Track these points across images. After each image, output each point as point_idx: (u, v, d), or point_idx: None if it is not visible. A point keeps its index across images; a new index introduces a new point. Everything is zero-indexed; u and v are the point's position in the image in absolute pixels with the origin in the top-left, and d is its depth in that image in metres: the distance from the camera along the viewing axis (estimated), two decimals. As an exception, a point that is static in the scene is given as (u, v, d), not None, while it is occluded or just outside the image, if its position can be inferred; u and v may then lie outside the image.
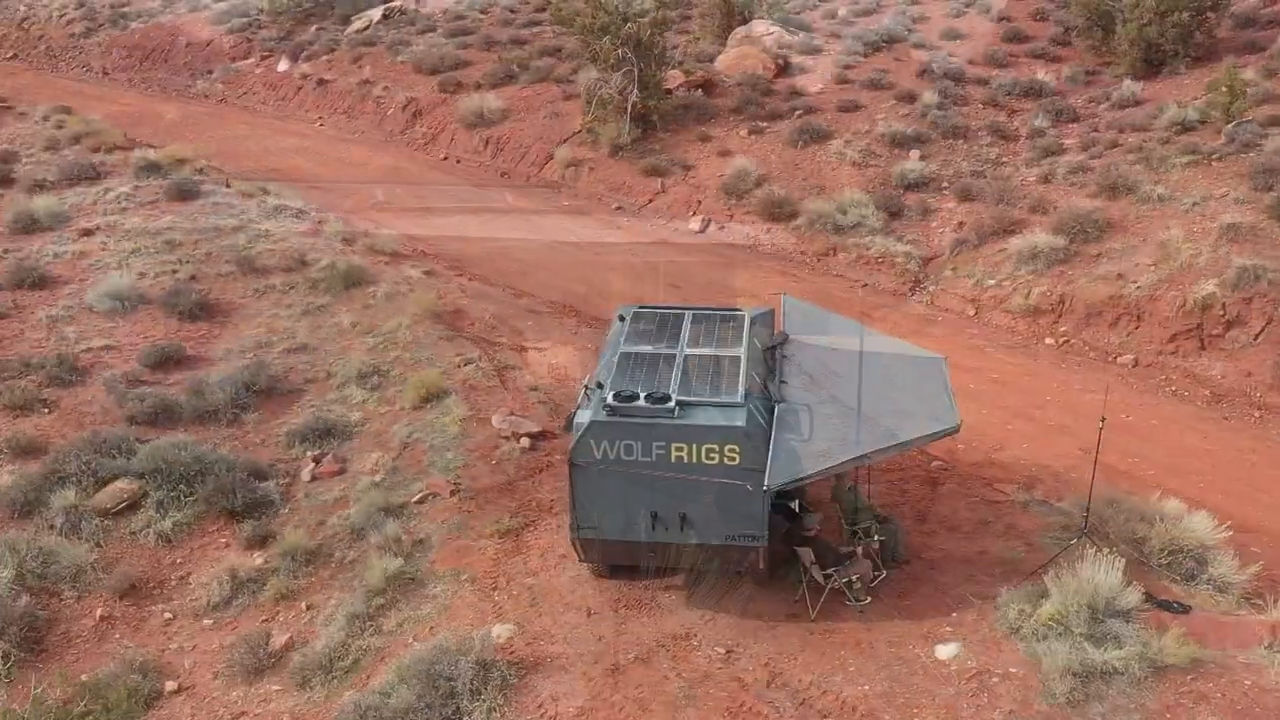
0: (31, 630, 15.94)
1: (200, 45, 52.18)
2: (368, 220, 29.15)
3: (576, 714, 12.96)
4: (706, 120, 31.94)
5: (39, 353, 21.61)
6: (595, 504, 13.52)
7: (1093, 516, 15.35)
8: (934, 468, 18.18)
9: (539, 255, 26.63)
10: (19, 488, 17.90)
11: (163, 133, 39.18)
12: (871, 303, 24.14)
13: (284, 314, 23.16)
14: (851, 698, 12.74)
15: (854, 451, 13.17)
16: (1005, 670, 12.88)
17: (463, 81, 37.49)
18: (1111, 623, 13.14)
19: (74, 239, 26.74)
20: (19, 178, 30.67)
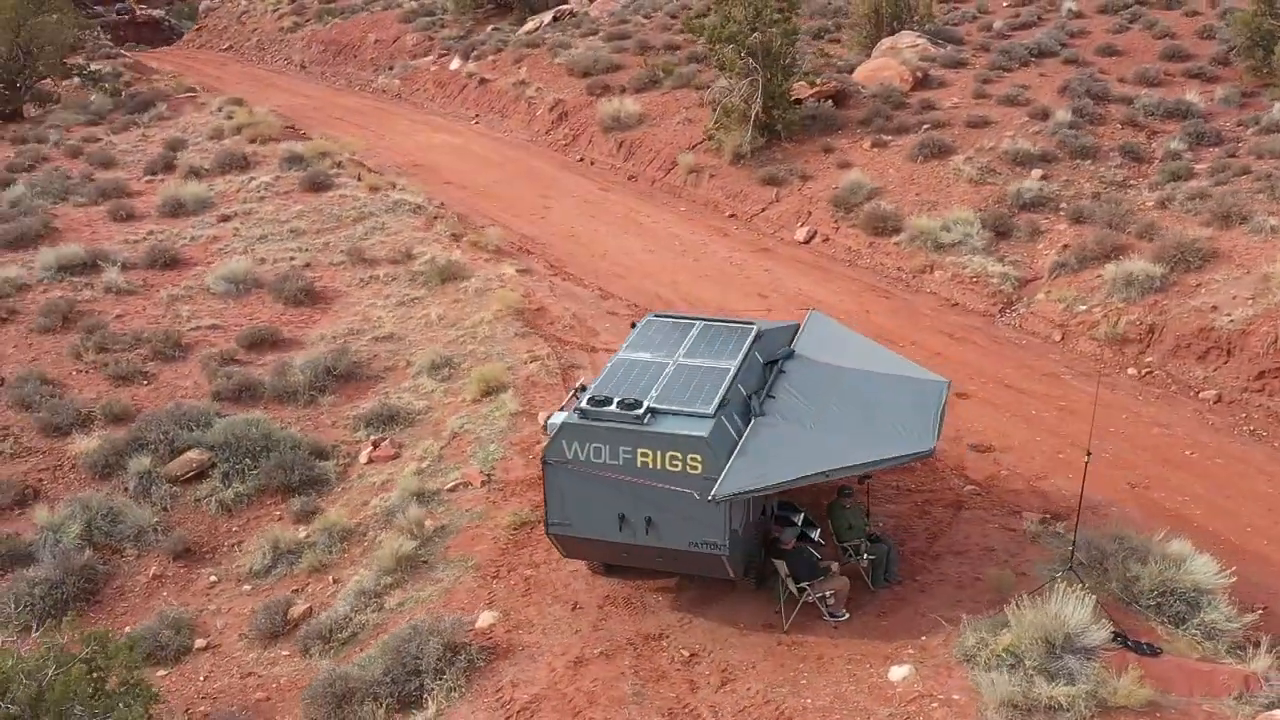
0: (89, 582, 17.40)
1: (387, 42, 54.59)
2: (485, 217, 30.29)
3: (529, 700, 13.54)
4: (833, 131, 31.97)
5: (152, 328, 23.32)
6: (567, 502, 14.07)
7: (1094, 552, 15.11)
8: (966, 492, 18.07)
9: (638, 258, 27.25)
10: (102, 451, 19.46)
11: (329, 125, 41.31)
12: (955, 322, 23.93)
13: (380, 304, 24.38)
14: (790, 709, 12.96)
15: (811, 468, 13.37)
16: (948, 696, 12.89)
17: (610, 85, 38.35)
18: (1068, 659, 12.96)
19: (212, 224, 28.65)
20: (180, 164, 32.89)
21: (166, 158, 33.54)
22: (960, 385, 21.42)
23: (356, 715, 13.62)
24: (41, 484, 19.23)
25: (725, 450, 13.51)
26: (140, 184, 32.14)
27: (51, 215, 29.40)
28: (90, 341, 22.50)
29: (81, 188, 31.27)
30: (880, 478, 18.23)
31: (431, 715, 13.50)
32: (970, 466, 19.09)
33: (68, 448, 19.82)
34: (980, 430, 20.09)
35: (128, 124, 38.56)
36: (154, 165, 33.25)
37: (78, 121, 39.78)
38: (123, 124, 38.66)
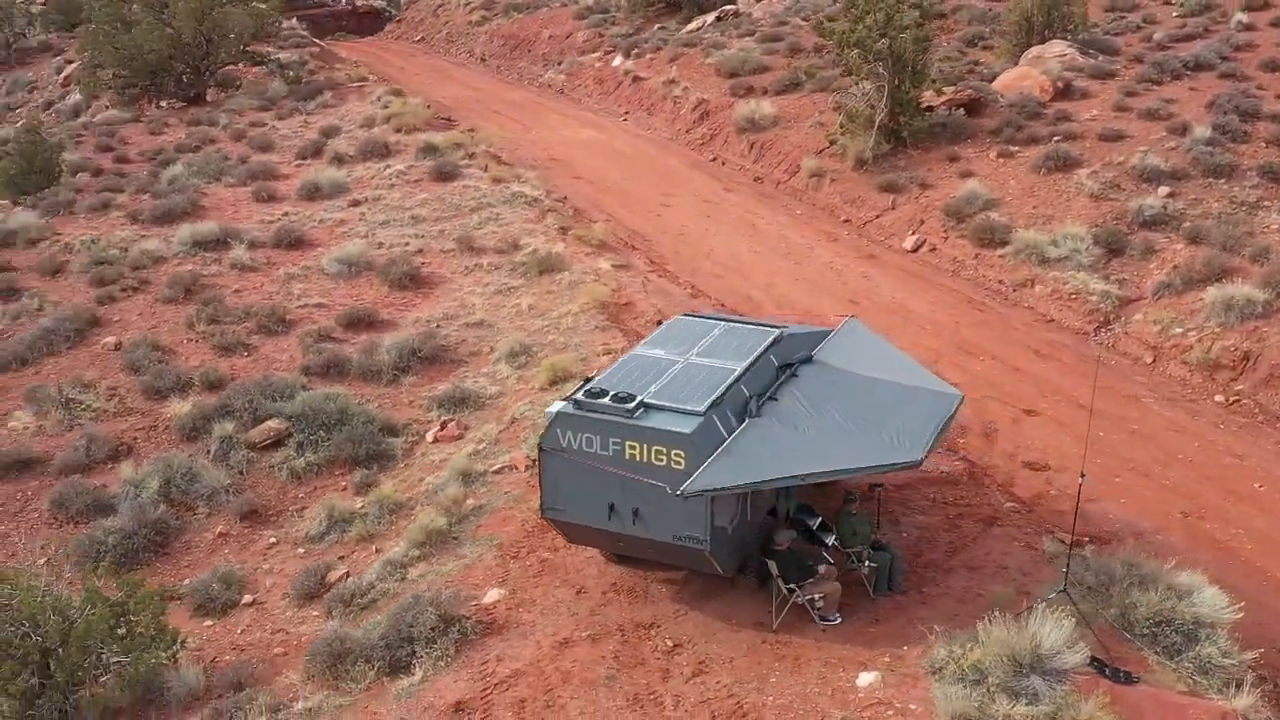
0: (160, 535, 18.78)
1: (560, 38, 55.97)
2: (602, 212, 31.03)
3: (509, 675, 14.15)
4: (961, 140, 31.60)
5: (264, 304, 24.79)
6: (561, 488, 14.58)
7: (1103, 576, 14.91)
8: (1005, 509, 17.89)
9: (741, 259, 27.55)
10: (192, 415, 20.90)
11: (486, 117, 42.79)
12: (1045, 339, 23.53)
13: (479, 291, 25.34)
14: (751, 705, 13.23)
15: (789, 471, 13.59)
16: (905, 705, 12.96)
17: (753, 86, 38.64)
18: (1034, 679, 12.89)
19: (342, 208, 30.16)
20: (327, 151, 34.62)
21: (318, 144, 35.33)
22: (1031, 402, 21.18)
23: (349, 674, 14.43)
24: (136, 442, 20.75)
25: (710, 448, 13.81)
26: (290, 168, 33.97)
27: (202, 194, 31.39)
28: (204, 313, 24.07)
29: (235, 169, 33.25)
30: (917, 488, 18.29)
31: (416, 681, 14.20)
32: (1019, 484, 18.87)
33: (164, 410, 21.30)
34: (1039, 448, 19.82)
35: (293, 110, 40.64)
36: (305, 150, 35.08)
37: (251, 106, 42.14)
38: (289, 110, 40.80)
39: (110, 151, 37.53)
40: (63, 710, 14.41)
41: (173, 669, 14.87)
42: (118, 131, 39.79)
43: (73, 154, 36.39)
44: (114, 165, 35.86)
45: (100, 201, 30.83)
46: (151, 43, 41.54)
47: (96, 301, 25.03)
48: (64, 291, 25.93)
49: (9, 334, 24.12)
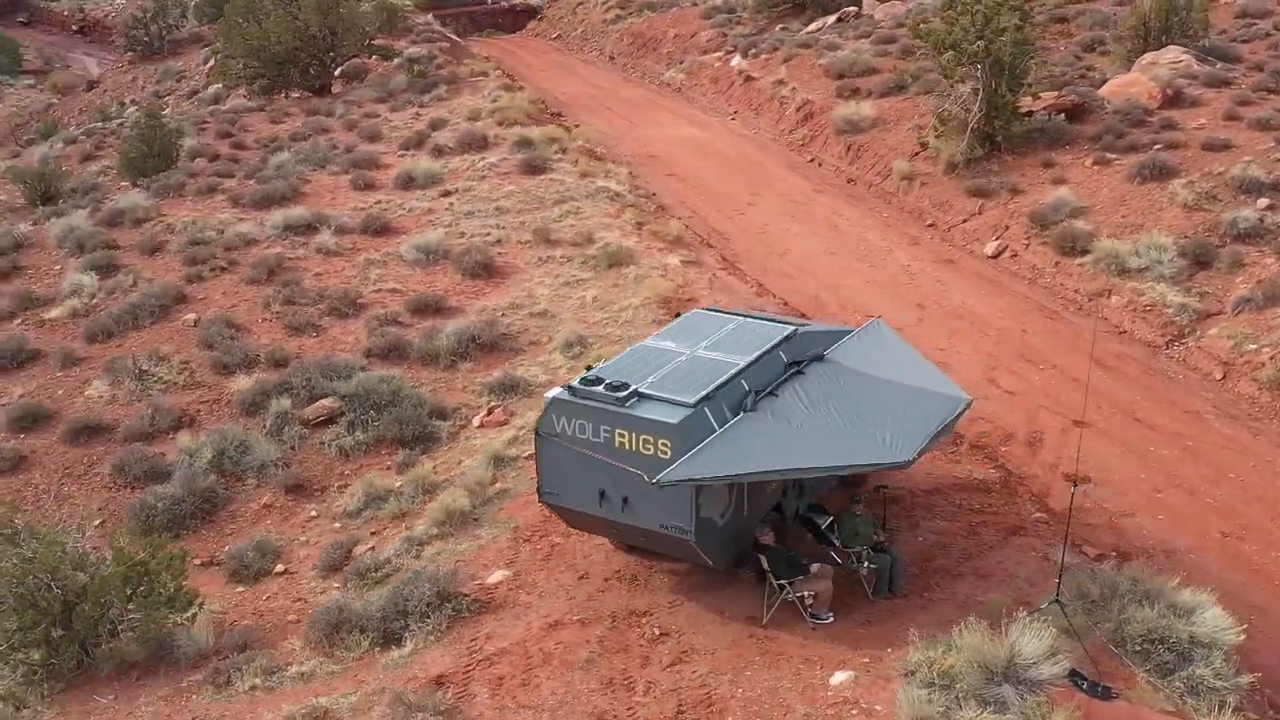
0: (208, 503, 19.61)
1: (685, 37, 56.21)
2: (686, 208, 31.20)
3: (494, 652, 14.47)
4: (1058, 146, 30.92)
5: (341, 287, 25.60)
6: (556, 473, 14.83)
7: (1106, 590, 14.59)
8: (1032, 519, 17.57)
9: (815, 260, 27.44)
10: (252, 391, 21.72)
11: (596, 113, 43.35)
12: (1113, 350, 22.95)
13: (547, 282, 25.76)
14: (720, 696, 13.31)
15: (771, 466, 13.61)
16: (870, 706, 12.89)
17: (859, 88, 38.34)
18: (1006, 688, 12.71)
19: (433, 198, 30.91)
20: (429, 142, 35.47)
21: (422, 135, 36.21)
22: (1088, 415, 20.68)
23: (344, 642, 14.91)
24: (199, 414, 21.66)
25: (697, 440, 13.91)
26: (392, 158, 34.89)
27: (304, 181, 32.47)
28: (281, 294, 24.95)
29: (339, 158, 34.28)
30: (945, 493, 18.08)
31: (406, 653, 14.62)
32: (1055, 495, 18.50)
33: (229, 385, 22.19)
34: (1084, 460, 19.29)
35: (408, 103, 41.67)
36: (409, 142, 35.99)
37: (369, 98, 43.36)
38: (404, 103, 41.82)
39: (229, 138, 39.05)
40: (80, 661, 15.18)
41: (184, 629, 15.48)
42: (240, 119, 41.34)
43: (193, 140, 37.90)
44: (230, 151, 37.29)
45: (208, 185, 32.11)
46: (279, 35, 43.03)
47: (185, 280, 26.11)
48: (158, 269, 27.11)
49: (102, 308, 25.32)
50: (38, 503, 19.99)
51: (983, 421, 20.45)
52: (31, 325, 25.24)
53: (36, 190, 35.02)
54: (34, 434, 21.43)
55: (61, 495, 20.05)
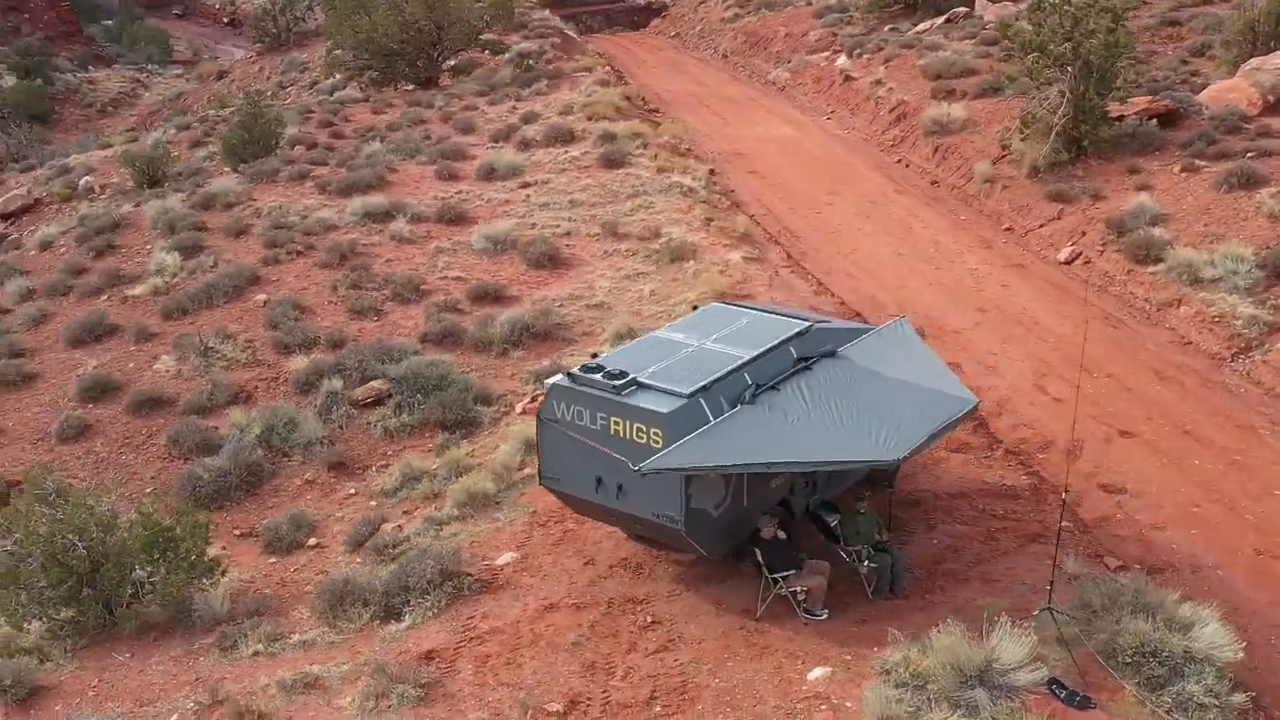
0: (253, 476, 20.30)
1: (796, 36, 56.05)
2: (761, 206, 31.19)
3: (487, 631, 14.77)
4: (1147, 152, 30.14)
5: (408, 274, 26.20)
6: (556, 459, 15.06)
7: (1106, 599, 14.34)
8: (1061, 527, 17.23)
9: (882, 260, 27.23)
10: (307, 371, 22.40)
11: (692, 110, 43.57)
12: (1174, 361, 22.35)
13: (609, 275, 26.02)
14: (695, 684, 13.40)
15: (755, 459, 13.64)
16: (840, 703, 12.87)
17: (954, 89, 37.83)
18: (978, 692, 12.61)
19: (511, 189, 31.41)
20: (518, 135, 36.02)
21: (513, 128, 36.76)
22: (1132, 424, 20.29)
23: (347, 614, 15.36)
24: (256, 391, 22.42)
25: (689, 430, 14.01)
26: (481, 149, 35.47)
27: (392, 170, 33.25)
28: (349, 278, 25.63)
29: (429, 148, 34.99)
30: (970, 498, 17.87)
31: (404, 627, 15.01)
32: (1086, 504, 18.17)
33: (287, 364, 22.89)
34: (1122, 471, 18.98)
35: (506, 97, 42.31)
36: (499, 134, 36.60)
37: (473, 91, 44.11)
38: (502, 96, 42.47)
39: (329, 127, 40.11)
40: (103, 620, 15.88)
41: (203, 594, 16.08)
42: (343, 110, 42.43)
43: (295, 128, 39.03)
44: (328, 140, 38.32)
45: (299, 172, 33.07)
46: (386, 28, 44.04)
47: (262, 262, 26.97)
48: (240, 251, 28.06)
49: (181, 287, 26.30)
50: (96, 469, 20.87)
51: (1024, 428, 20.15)
52: (115, 301, 26.35)
53: (144, 173, 36.44)
54: (101, 404, 22.39)
55: (119, 463, 20.90)
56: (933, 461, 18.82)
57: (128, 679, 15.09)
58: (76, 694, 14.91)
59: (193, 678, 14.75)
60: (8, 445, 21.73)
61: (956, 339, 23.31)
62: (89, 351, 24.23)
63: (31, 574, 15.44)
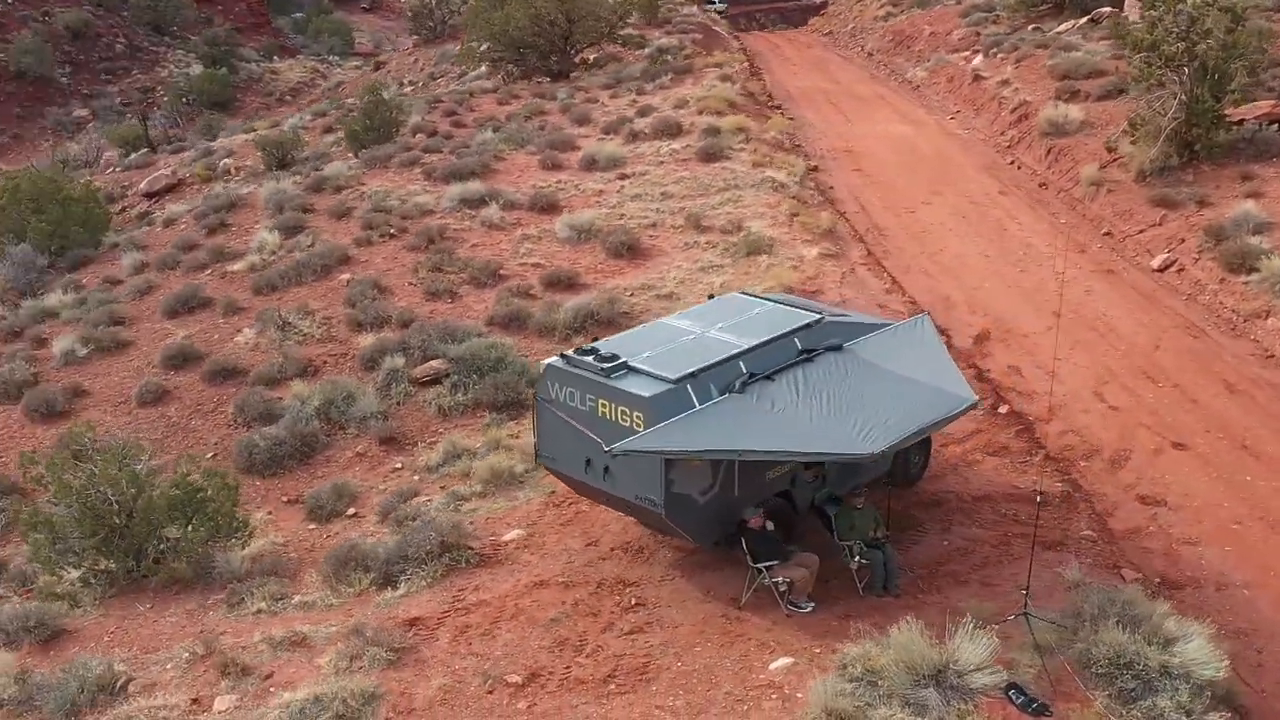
0: (307, 446, 21.07)
1: (940, 35, 55.21)
2: (855, 203, 30.93)
3: (474, 603, 15.14)
4: (1264, 158, 28.92)
5: (490, 259, 26.79)
6: (551, 438, 15.34)
7: (1092, 608, 13.99)
8: (1079, 537, 16.84)
9: (966, 261, 26.77)
10: (373, 348, 23.10)
11: (814, 107, 43.48)
12: (1250, 374, 21.40)
13: (684, 267, 26.16)
14: (658, 666, 13.50)
15: (727, 446, 13.67)
16: (792, 694, 12.84)
17: (1079, 90, 36.78)
18: (930, 691, 12.47)
19: (609, 180, 31.78)
20: (627, 128, 36.37)
21: (624, 121, 37.12)
22: (1187, 436, 19.63)
23: (348, 579, 15.91)
24: (324, 365, 23.25)
25: (671, 415, 14.14)
26: (590, 141, 35.92)
27: (498, 159, 33.97)
28: (431, 261, 26.33)
29: (538, 138, 35.60)
30: (995, 501, 17.54)
31: (398, 594, 15.50)
32: (1119, 515, 17.67)
33: (357, 341, 23.67)
34: (1165, 483, 18.38)
35: (628, 90, 42.69)
36: (611, 126, 36.99)
37: (599, 84, 44.65)
38: (625, 90, 42.86)
39: (453, 116, 41.11)
40: (131, 571, 16.78)
41: (223, 553, 16.84)
42: (469, 100, 43.42)
43: (418, 117, 40.13)
44: (449, 129, 39.30)
45: (410, 158, 34.05)
46: (518, 21, 44.89)
47: (355, 243, 27.87)
48: (338, 232, 29.06)
49: (275, 264, 27.38)
50: (166, 433, 21.95)
51: (1071, 435, 19.66)
52: (215, 276, 27.57)
53: (274, 157, 37.99)
54: (181, 372, 23.50)
55: (187, 428, 21.94)
56: (965, 463, 18.53)
57: (142, 628, 15.91)
58: (94, 639, 15.78)
59: (198, 630, 15.46)
60: (92, 407, 22.97)
61: (1023, 342, 22.80)
62: (181, 322, 25.42)
63: (66, 524, 16.37)
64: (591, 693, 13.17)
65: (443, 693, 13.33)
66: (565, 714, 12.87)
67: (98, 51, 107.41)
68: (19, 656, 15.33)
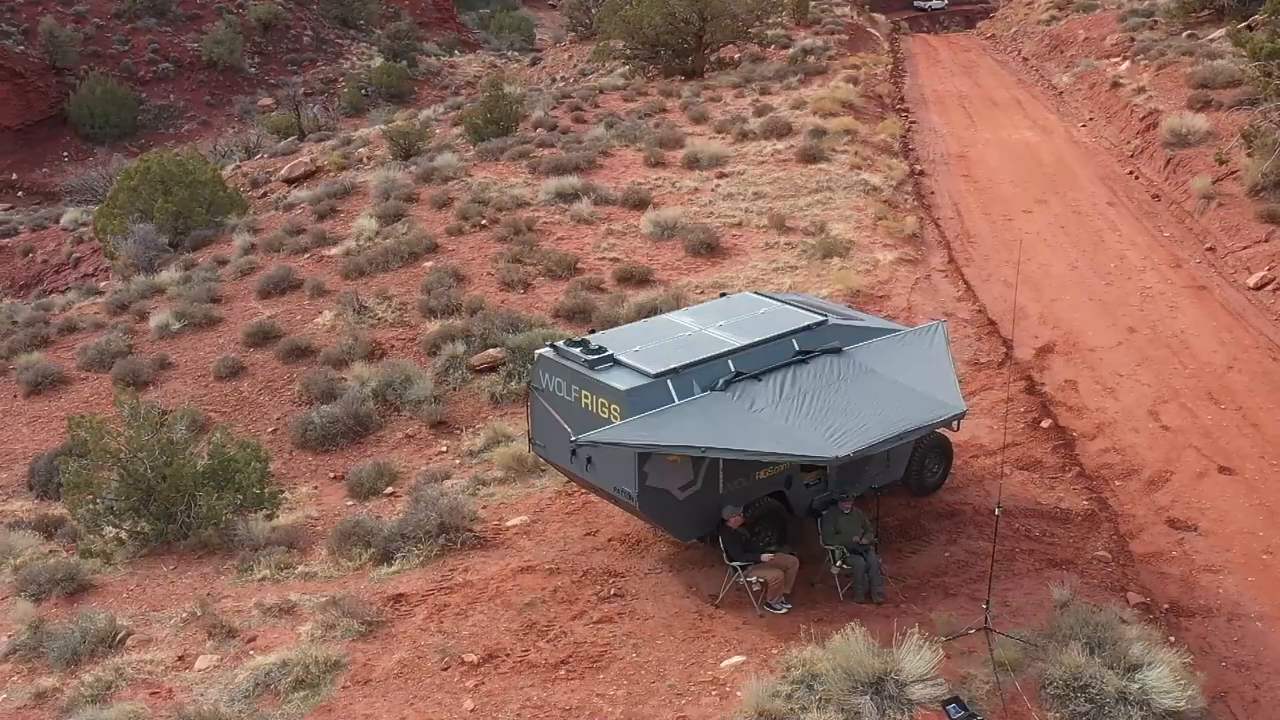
0: (360, 425, 21.82)
1: (1095, 40, 53.76)
2: (952, 210, 30.37)
3: (460, 583, 15.52)
4: (1392, 175, 27.49)
5: (571, 253, 27.23)
6: (543, 426, 15.63)
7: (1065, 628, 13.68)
8: (1092, 558, 16.39)
9: (1050, 272, 26.08)
10: (437, 335, 23.75)
11: (942, 110, 42.91)
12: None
13: (760, 266, 26.17)
14: (612, 656, 13.61)
15: (690, 441, 13.73)
16: (731, 691, 12.88)
17: (1212, 100, 35.41)
18: (865, 699, 12.38)
19: (707, 179, 31.93)
20: (738, 127, 36.42)
21: (739, 120, 37.16)
22: (1237, 461, 18.91)
23: (350, 553, 16.49)
24: (391, 348, 24.01)
25: (647, 408, 14.29)
26: (702, 140, 36.07)
27: (606, 155, 34.42)
28: (511, 253, 26.89)
29: (648, 135, 35.91)
30: (1014, 516, 17.14)
31: (392, 570, 16.00)
32: (1142, 538, 17.12)
33: (426, 327, 24.36)
34: (1202, 508, 17.71)
35: (753, 89, 42.68)
36: (724, 125, 37.06)
37: (728, 84, 44.74)
38: (752, 90, 42.83)
39: (577, 112, 41.71)
40: (162, 534, 17.68)
41: (249, 522, 17.61)
42: (596, 96, 43.96)
43: (541, 111, 40.86)
44: (569, 124, 39.92)
45: (520, 152, 34.76)
46: (650, 18, 45.28)
47: (446, 232, 28.63)
48: (435, 222, 29.88)
49: (368, 250, 28.31)
50: (237, 405, 22.98)
51: (1113, 453, 19.09)
52: (313, 260, 28.64)
53: (400, 146, 39.21)
54: (260, 349, 24.57)
55: (255, 403, 22.93)
56: (991, 476, 18.14)
57: (159, 588, 16.76)
58: (114, 595, 16.69)
59: (204, 592, 16.22)
60: (174, 379, 24.16)
61: (1088, 357, 22.16)
62: (271, 303, 26.51)
63: (103, 484, 17.35)
64: (540, 676, 13.41)
65: (400, 666, 13.74)
66: (509, 694, 13.13)
67: (286, 43, 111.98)
68: (44, 607, 16.30)
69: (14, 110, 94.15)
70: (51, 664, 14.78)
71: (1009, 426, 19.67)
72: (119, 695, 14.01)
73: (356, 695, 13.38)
